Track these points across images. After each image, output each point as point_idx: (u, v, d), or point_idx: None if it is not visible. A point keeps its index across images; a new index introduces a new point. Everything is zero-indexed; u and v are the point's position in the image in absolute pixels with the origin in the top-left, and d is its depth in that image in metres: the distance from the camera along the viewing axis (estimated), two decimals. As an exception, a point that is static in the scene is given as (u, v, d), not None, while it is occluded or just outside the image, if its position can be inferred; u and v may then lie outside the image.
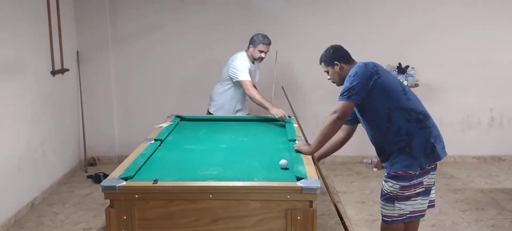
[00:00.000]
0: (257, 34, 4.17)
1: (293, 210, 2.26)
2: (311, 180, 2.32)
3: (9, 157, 3.74)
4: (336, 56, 2.84)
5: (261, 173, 2.53)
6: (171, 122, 3.81)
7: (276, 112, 3.84)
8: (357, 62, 2.80)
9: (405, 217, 2.70)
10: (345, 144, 3.04)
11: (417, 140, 2.60)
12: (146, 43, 5.13)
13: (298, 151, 2.87)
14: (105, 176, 3.81)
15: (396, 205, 2.66)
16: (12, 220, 3.72)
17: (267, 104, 3.97)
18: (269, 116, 4.29)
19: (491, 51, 5.11)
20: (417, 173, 2.60)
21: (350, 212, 3.92)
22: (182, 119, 4.05)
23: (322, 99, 5.09)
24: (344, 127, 2.93)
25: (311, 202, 2.26)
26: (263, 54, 4.15)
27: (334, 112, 2.66)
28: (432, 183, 2.75)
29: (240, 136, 3.47)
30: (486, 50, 5.10)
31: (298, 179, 2.35)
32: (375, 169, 5.07)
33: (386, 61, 5.07)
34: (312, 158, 2.80)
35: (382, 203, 2.75)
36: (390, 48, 5.08)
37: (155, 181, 2.30)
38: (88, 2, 4.98)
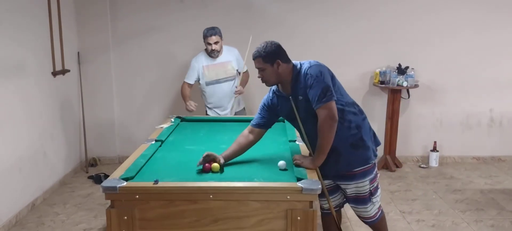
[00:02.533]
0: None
1: (293, 210, 2.27)
2: (311, 180, 2.33)
3: (10, 157, 3.75)
4: (278, 53, 2.59)
5: (261, 173, 2.54)
6: (171, 122, 3.82)
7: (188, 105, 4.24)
8: (293, 62, 2.65)
9: (381, 208, 2.80)
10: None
11: (364, 130, 2.65)
12: (147, 44, 5.14)
13: (299, 166, 2.58)
14: (106, 176, 3.84)
15: (373, 200, 2.71)
16: (13, 220, 3.73)
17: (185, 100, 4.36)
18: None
19: (491, 52, 5.11)
20: (375, 161, 2.69)
21: (350, 212, 3.92)
22: (183, 119, 4.06)
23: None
24: (256, 131, 2.80)
25: (311, 202, 2.28)
26: (212, 46, 4.14)
27: (329, 117, 2.44)
28: None
29: (241, 137, 3.48)
30: (486, 50, 5.10)
31: (298, 179, 2.36)
32: (375, 170, 5.06)
33: (386, 62, 5.08)
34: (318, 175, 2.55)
35: (359, 207, 2.72)
36: (390, 49, 5.09)
37: (156, 182, 2.31)
38: (89, 3, 4.99)
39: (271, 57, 2.58)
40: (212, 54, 4.22)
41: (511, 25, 5.08)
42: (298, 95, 2.59)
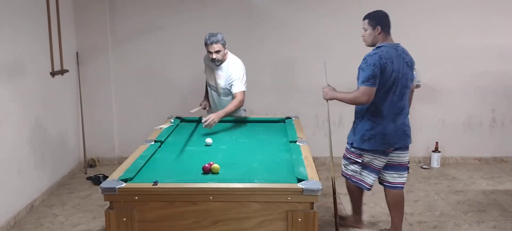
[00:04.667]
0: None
1: (294, 211, 2.25)
2: (312, 181, 2.31)
3: (8, 158, 3.72)
4: (382, 22, 3.15)
5: (261, 174, 2.52)
6: (171, 123, 3.80)
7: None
8: (391, 40, 3.21)
9: (351, 178, 3.35)
10: None
11: (362, 126, 3.18)
12: (146, 44, 5.11)
13: (324, 96, 3.36)
14: (105, 177, 3.81)
15: (342, 160, 3.41)
16: (11, 222, 3.71)
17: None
18: (270, 117, 4.28)
19: (493, 52, 5.08)
20: (352, 145, 3.25)
21: (351, 214, 3.90)
22: (182, 120, 4.04)
23: (323, 101, 5.05)
24: None
25: (312, 203, 2.25)
26: (213, 55, 3.69)
27: (363, 97, 3.01)
28: (381, 166, 3.25)
29: (241, 137, 3.46)
30: (488, 51, 5.08)
31: (299, 180, 2.34)
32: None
33: (387, 62, 5.05)
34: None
35: None
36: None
37: (155, 183, 2.29)
38: (88, 3, 4.97)
39: (375, 22, 3.14)
40: (213, 62, 3.79)
41: (513, 25, 5.06)
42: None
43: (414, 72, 4.88)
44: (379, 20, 3.14)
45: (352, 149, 3.27)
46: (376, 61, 2.99)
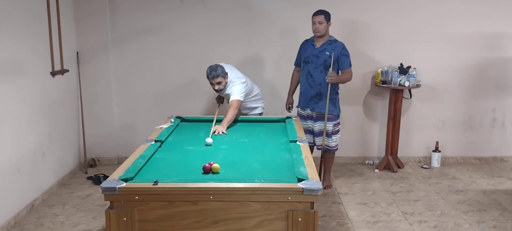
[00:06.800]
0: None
1: (294, 211, 2.25)
2: (312, 181, 2.31)
3: (9, 158, 3.72)
4: (330, 19, 4.22)
5: (262, 174, 2.52)
6: (171, 122, 3.80)
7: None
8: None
9: (337, 146, 4.47)
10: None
11: (335, 99, 4.30)
12: (146, 43, 5.11)
13: (332, 81, 4.07)
14: (105, 177, 3.81)
15: (332, 138, 4.40)
16: (12, 222, 3.71)
17: None
18: (270, 117, 4.28)
19: (493, 52, 5.08)
20: (337, 116, 4.38)
21: (351, 213, 3.91)
22: (183, 119, 4.04)
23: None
24: (298, 68, 4.52)
25: (312, 203, 2.26)
26: (215, 86, 4.02)
27: (351, 75, 4.25)
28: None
29: (241, 137, 3.46)
30: (488, 50, 5.08)
31: (299, 180, 2.34)
32: (376, 170, 5.04)
33: (388, 61, 5.05)
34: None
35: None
36: (391, 49, 5.06)
37: (155, 182, 2.29)
38: (88, 2, 4.96)
39: (329, 17, 4.20)
40: (217, 92, 4.14)
41: (513, 25, 5.06)
42: (326, 51, 4.19)
43: (414, 72, 4.91)
44: (329, 17, 4.18)
45: (338, 120, 4.37)
46: None
